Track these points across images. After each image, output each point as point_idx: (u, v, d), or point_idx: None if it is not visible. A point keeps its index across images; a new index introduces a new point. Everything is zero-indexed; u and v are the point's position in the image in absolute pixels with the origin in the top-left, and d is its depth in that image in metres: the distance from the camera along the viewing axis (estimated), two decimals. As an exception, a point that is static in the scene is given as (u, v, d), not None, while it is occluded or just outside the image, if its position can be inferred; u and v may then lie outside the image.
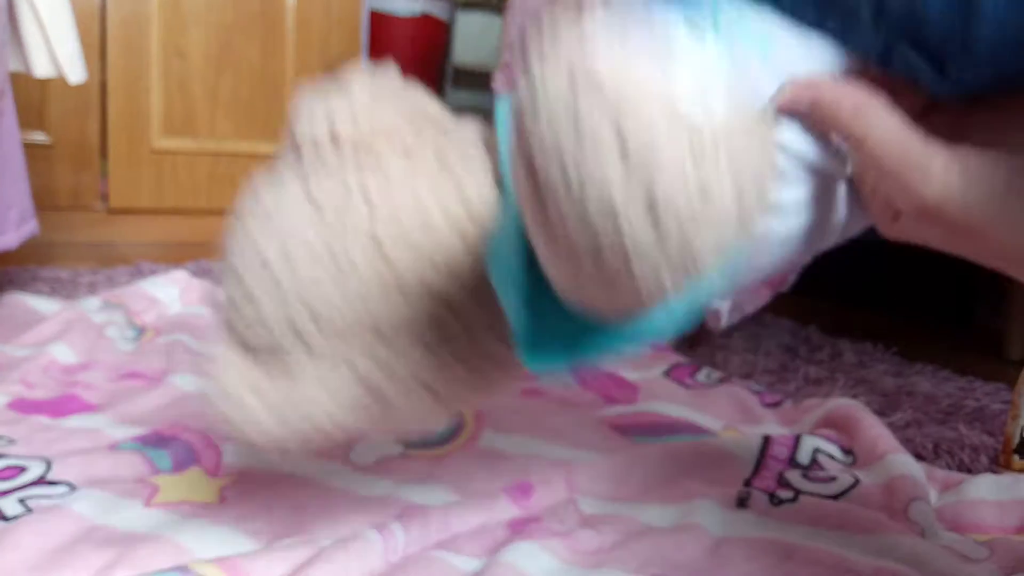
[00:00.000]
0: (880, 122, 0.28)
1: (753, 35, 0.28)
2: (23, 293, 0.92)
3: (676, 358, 0.82)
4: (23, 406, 0.60)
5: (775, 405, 0.70)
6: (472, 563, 0.41)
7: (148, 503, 0.46)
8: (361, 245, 0.29)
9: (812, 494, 0.49)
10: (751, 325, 1.02)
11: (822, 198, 0.30)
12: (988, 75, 0.27)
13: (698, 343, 0.93)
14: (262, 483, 0.49)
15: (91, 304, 0.86)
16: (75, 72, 0.86)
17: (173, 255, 1.35)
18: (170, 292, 0.94)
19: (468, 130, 0.34)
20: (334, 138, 0.31)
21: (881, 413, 0.66)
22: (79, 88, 1.41)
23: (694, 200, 0.20)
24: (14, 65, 0.83)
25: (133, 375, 0.70)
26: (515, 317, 0.27)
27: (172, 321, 0.89)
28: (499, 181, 0.32)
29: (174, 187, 1.55)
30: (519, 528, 0.45)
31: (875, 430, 0.58)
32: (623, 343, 0.27)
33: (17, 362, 0.69)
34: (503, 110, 0.32)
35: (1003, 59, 0.26)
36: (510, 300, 0.27)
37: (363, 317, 0.30)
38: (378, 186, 0.30)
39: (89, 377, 0.68)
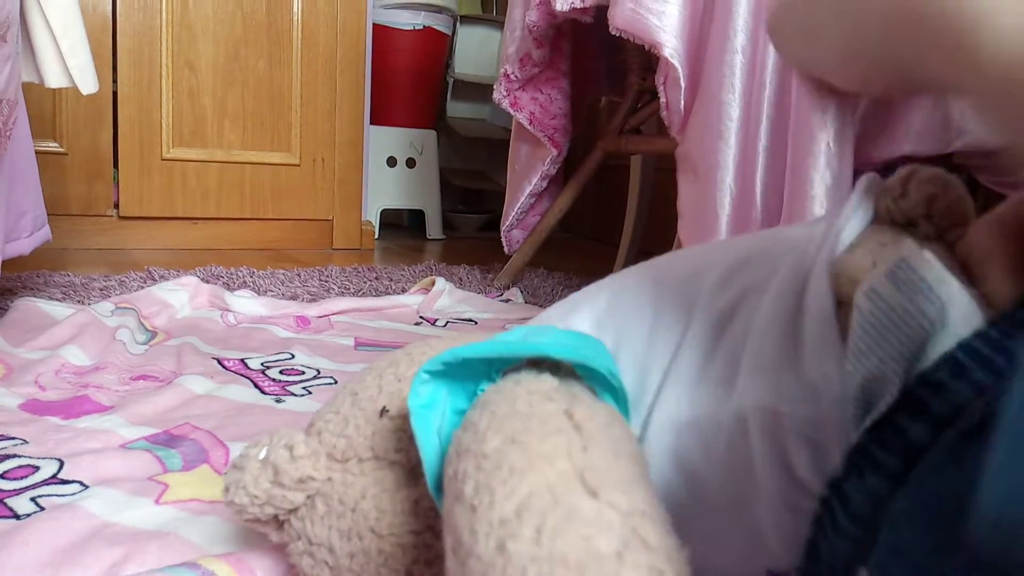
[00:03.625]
0: None
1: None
2: (37, 298, 0.93)
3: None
4: (36, 407, 0.61)
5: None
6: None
7: (158, 501, 0.47)
8: None
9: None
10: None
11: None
12: None
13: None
14: (268, 482, 0.50)
15: (103, 308, 0.87)
16: (87, 83, 0.87)
17: (183, 260, 1.37)
18: (180, 296, 0.96)
19: None
20: None
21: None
22: (91, 98, 1.44)
23: None
24: (27, 76, 0.85)
25: (144, 377, 0.71)
26: None
27: (182, 324, 0.90)
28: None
29: (183, 195, 1.57)
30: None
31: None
32: None
33: (31, 365, 0.70)
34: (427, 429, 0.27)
35: None
36: None
37: None
38: None
39: (101, 379, 0.68)
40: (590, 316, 0.30)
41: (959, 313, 0.19)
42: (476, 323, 1.02)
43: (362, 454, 0.32)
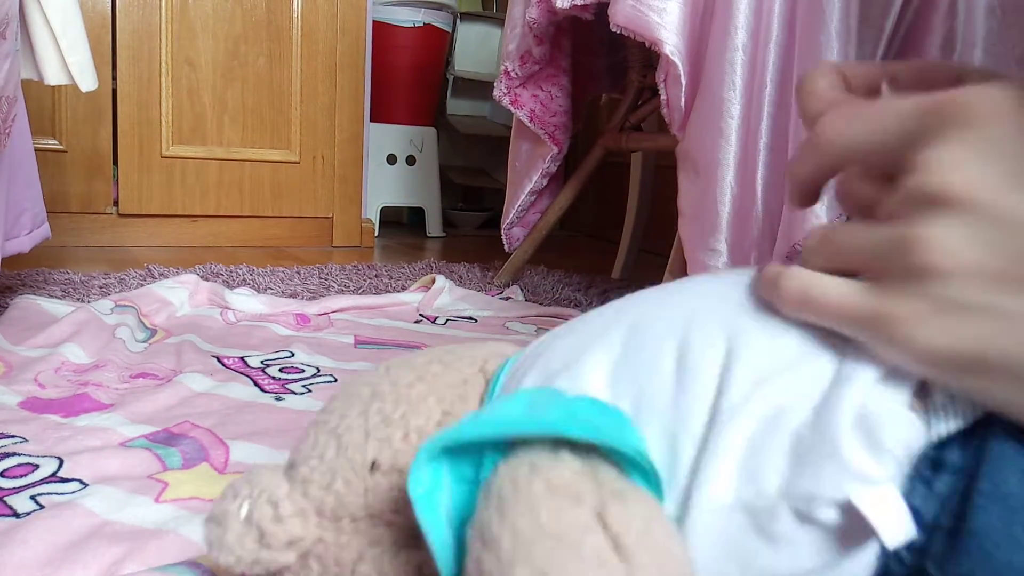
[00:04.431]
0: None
1: None
2: (36, 296, 0.93)
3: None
4: (36, 405, 0.61)
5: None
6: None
7: (158, 499, 0.47)
8: None
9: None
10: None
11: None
12: None
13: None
14: (268, 480, 0.50)
15: (103, 306, 0.87)
16: (86, 80, 0.87)
17: (182, 258, 1.37)
18: (179, 294, 0.96)
19: None
20: None
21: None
22: (91, 96, 1.44)
23: None
24: (26, 73, 0.85)
25: (144, 375, 0.71)
26: None
27: (182, 322, 0.90)
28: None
29: (183, 192, 1.57)
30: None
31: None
32: None
33: (30, 363, 0.70)
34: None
35: None
36: None
37: None
38: None
39: (100, 377, 0.68)
40: (604, 365, 0.28)
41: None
42: (476, 320, 1.02)
43: (355, 513, 0.30)
